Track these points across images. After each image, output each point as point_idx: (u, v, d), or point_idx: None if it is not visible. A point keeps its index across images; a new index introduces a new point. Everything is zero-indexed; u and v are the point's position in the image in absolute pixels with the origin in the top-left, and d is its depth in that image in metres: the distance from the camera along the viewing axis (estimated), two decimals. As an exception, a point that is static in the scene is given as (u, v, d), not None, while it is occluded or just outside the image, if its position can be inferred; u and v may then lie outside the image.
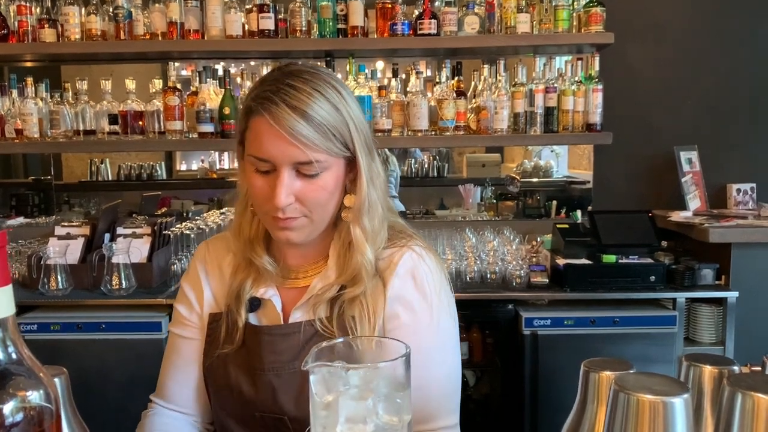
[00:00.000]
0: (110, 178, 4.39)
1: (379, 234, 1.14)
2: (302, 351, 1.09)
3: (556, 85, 2.83)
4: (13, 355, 0.57)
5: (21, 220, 3.41)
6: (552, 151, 3.77)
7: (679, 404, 0.67)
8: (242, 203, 1.18)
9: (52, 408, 0.58)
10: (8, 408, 0.55)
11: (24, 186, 3.92)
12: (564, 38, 2.79)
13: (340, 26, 2.80)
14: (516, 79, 2.86)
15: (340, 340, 0.76)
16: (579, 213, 2.98)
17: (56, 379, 0.73)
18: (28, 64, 3.20)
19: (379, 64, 3.31)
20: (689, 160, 2.89)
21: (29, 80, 2.87)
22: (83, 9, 2.81)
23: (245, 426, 1.15)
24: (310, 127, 1.01)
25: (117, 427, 2.37)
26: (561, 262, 2.50)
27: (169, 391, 1.22)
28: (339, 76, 2.96)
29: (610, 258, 2.49)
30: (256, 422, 1.13)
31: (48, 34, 2.78)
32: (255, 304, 1.17)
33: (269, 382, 1.11)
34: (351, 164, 1.10)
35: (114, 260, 2.46)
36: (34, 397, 0.57)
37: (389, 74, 3.07)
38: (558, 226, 2.70)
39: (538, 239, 2.76)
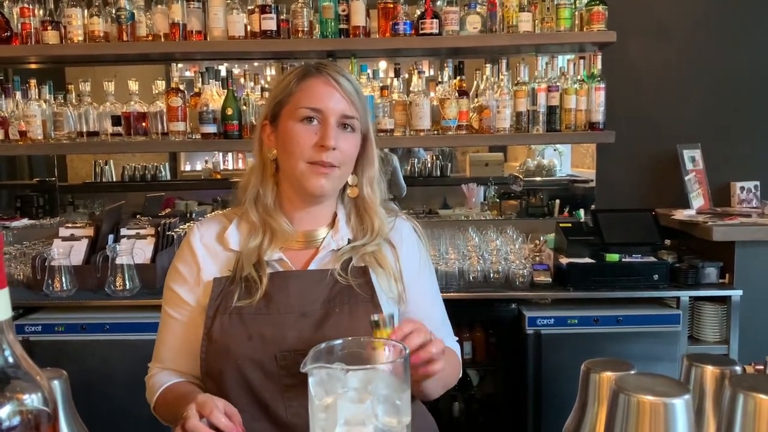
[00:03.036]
0: (114, 179, 4.41)
1: (383, 200, 1.39)
2: (323, 295, 1.27)
3: (558, 83, 2.82)
4: (10, 359, 0.57)
5: (25, 221, 3.42)
6: (555, 150, 3.77)
7: (680, 405, 0.66)
8: (261, 176, 1.35)
9: (50, 411, 0.58)
10: (5, 412, 0.55)
11: (29, 187, 3.93)
12: (566, 37, 2.78)
13: (342, 26, 2.80)
14: (518, 78, 2.85)
15: (339, 341, 0.75)
16: (582, 212, 2.97)
17: (55, 382, 0.73)
18: (32, 66, 3.21)
19: (382, 64, 3.30)
20: (692, 158, 2.88)
21: (33, 82, 2.88)
22: (86, 11, 2.81)
23: (259, 368, 1.23)
24: (354, 90, 1.30)
25: (120, 427, 2.39)
26: (564, 261, 2.49)
27: (167, 359, 1.34)
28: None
29: (613, 257, 2.49)
30: (274, 362, 1.23)
31: (51, 36, 2.79)
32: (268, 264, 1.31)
33: (295, 321, 1.24)
34: (362, 144, 1.34)
35: (118, 261, 2.47)
36: (31, 400, 0.57)
37: (391, 74, 3.07)
38: (561, 225, 2.69)
39: (542, 238, 2.75)
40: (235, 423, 1.04)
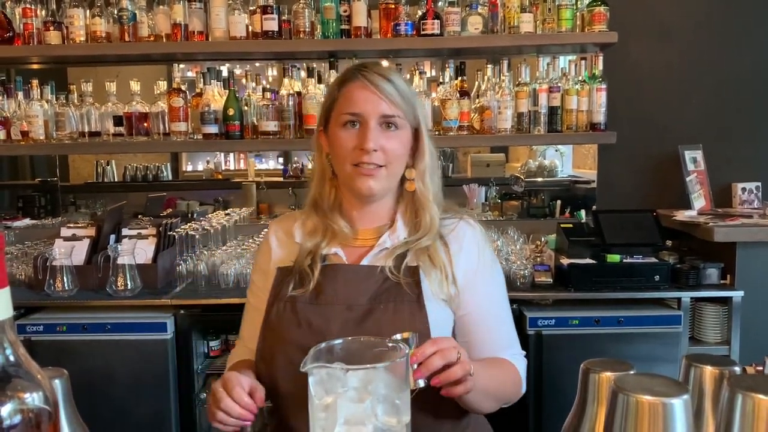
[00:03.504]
0: (116, 180, 4.42)
1: (438, 196, 1.38)
2: (371, 291, 1.29)
3: (559, 84, 2.82)
4: (11, 357, 0.57)
5: (27, 221, 3.42)
6: (557, 151, 3.78)
7: (679, 405, 0.67)
8: (320, 180, 1.40)
9: (50, 410, 0.59)
10: (6, 410, 0.56)
11: (30, 187, 3.94)
12: (567, 38, 2.78)
13: (343, 27, 2.80)
14: (519, 79, 2.86)
15: (339, 341, 0.76)
16: (583, 212, 2.97)
17: (56, 381, 0.73)
18: (34, 66, 3.22)
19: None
20: (694, 159, 2.88)
21: (35, 82, 2.88)
22: (88, 11, 2.82)
23: (305, 354, 1.24)
24: (394, 89, 1.30)
25: (122, 427, 2.39)
26: (565, 261, 2.49)
27: (246, 338, 1.42)
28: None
29: (614, 257, 2.49)
30: None
31: (53, 37, 2.80)
32: (323, 259, 1.36)
33: (340, 313, 1.27)
34: (415, 138, 1.35)
35: (119, 261, 2.47)
36: (32, 399, 0.58)
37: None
38: (562, 225, 2.69)
39: (543, 239, 2.75)
40: (256, 399, 1.11)
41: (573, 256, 2.53)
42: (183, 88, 2.91)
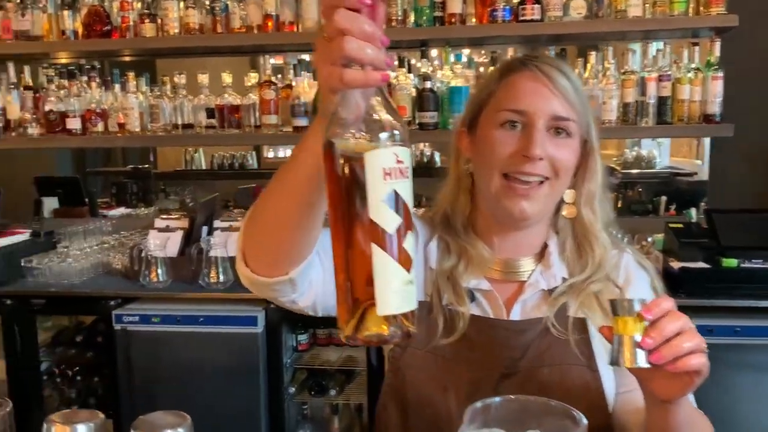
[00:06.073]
0: (204, 167, 4.50)
1: (609, 223, 1.13)
2: (530, 349, 1.05)
3: (670, 72, 2.61)
4: None
5: (122, 210, 3.52)
6: (654, 140, 3.56)
7: None
8: (454, 192, 1.15)
9: None
10: None
11: (123, 174, 4.06)
12: (680, 22, 2.56)
13: (436, 14, 2.69)
14: (626, 67, 2.67)
15: (497, 400, 0.67)
16: (693, 211, 2.77)
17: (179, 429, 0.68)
18: (126, 58, 3.27)
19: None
20: (823, 153, 2.63)
21: (131, 75, 2.92)
22: (181, 3, 2.82)
23: (449, 418, 1.03)
24: (570, 84, 1.05)
25: (212, 418, 2.41)
26: (676, 265, 2.33)
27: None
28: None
29: (730, 262, 2.31)
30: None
31: (148, 29, 2.82)
32: (471, 295, 1.10)
33: (497, 383, 1.05)
34: (582, 152, 1.09)
35: (212, 254, 2.48)
36: None
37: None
38: (671, 225, 2.52)
39: (649, 239, 2.57)
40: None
41: (684, 259, 2.36)
42: (274, 80, 2.88)
